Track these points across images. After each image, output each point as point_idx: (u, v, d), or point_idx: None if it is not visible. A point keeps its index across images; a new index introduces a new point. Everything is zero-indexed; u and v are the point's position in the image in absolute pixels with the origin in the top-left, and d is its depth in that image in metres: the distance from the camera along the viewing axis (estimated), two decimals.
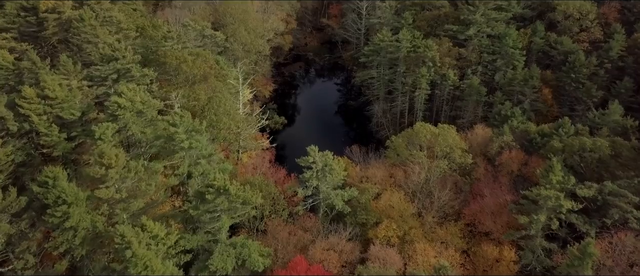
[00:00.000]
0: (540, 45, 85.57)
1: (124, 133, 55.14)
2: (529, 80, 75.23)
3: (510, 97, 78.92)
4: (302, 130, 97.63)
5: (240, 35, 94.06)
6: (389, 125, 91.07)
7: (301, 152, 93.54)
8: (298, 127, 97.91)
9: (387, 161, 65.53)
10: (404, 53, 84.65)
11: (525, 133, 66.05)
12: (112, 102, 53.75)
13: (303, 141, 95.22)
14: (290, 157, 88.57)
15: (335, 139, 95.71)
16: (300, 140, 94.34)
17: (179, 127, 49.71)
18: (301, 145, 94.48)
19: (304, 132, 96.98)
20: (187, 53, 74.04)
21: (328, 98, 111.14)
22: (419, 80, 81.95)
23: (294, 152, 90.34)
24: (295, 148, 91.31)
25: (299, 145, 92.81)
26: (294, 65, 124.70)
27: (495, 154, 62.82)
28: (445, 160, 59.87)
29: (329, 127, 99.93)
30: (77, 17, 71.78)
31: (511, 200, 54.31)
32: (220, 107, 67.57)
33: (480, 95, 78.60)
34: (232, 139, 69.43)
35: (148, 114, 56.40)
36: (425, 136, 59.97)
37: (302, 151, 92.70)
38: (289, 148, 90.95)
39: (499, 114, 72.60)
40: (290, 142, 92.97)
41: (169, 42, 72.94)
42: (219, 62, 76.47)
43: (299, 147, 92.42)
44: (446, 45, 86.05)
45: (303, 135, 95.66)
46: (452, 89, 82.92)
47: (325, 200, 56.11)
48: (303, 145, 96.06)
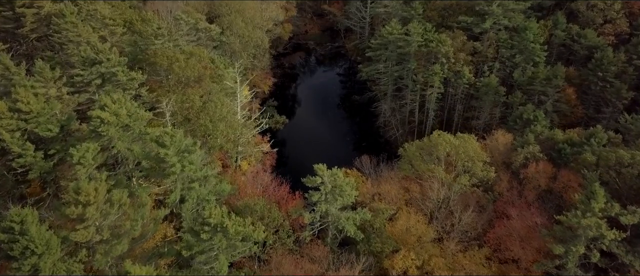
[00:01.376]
0: (561, 39, 79.14)
1: (109, 152, 49.04)
2: (553, 79, 69.06)
3: (531, 97, 72.91)
4: (304, 128, 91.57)
5: (237, 27, 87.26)
6: (398, 124, 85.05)
7: (303, 153, 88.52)
8: (300, 125, 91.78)
9: (400, 172, 59.80)
10: (415, 48, 78.12)
11: (551, 142, 60.26)
12: (94, 116, 47.55)
13: (305, 141, 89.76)
14: (292, 159, 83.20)
15: (340, 139, 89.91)
16: (303, 139, 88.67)
17: (169, 148, 43.68)
18: (303, 145, 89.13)
19: (306, 130, 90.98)
20: (180, 52, 67.67)
21: (331, 91, 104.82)
22: (431, 78, 75.67)
23: (296, 153, 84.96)
24: (297, 149, 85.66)
25: (301, 145, 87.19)
26: (294, 55, 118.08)
27: (519, 166, 57.10)
28: (466, 175, 54.15)
29: (332, 124, 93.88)
30: (57, 13, 65.12)
31: (542, 223, 48.78)
32: (216, 112, 61.42)
33: (498, 95, 72.45)
34: (230, 148, 63.42)
35: (135, 128, 50.20)
36: (444, 149, 54.11)
37: (305, 153, 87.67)
38: (291, 148, 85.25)
39: (520, 118, 66.59)
40: (291, 141, 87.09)
41: (159, 40, 66.29)
42: (214, 61, 69.95)
43: (301, 147, 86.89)
44: (460, 39, 79.55)
45: (305, 134, 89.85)
46: (467, 87, 76.69)
47: (334, 223, 50.49)
48: (305, 146, 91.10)
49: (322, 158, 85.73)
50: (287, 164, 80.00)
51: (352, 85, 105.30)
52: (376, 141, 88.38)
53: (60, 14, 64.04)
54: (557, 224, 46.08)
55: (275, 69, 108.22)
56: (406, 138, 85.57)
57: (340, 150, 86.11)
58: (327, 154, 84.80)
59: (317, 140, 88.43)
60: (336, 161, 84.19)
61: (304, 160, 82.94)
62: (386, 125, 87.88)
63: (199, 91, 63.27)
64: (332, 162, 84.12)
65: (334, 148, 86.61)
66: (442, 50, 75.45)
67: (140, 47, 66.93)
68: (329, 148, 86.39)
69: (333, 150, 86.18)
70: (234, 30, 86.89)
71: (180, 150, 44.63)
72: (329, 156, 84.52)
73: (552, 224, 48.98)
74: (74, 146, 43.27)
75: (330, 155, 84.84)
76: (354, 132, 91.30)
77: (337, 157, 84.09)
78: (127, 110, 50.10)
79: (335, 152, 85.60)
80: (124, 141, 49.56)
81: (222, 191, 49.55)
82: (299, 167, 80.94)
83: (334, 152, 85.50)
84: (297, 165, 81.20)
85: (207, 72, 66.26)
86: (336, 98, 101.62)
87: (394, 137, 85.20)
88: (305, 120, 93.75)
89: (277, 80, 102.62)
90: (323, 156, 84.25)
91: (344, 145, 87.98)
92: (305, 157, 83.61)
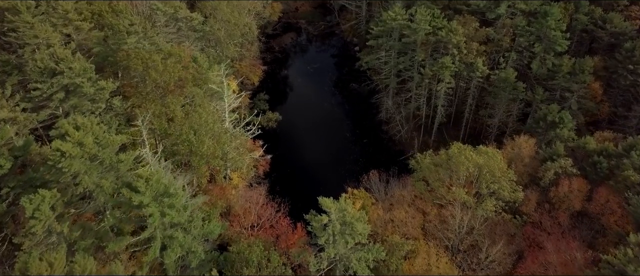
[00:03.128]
0: (583, 24, 71.22)
1: (73, 190, 41.13)
2: (580, 74, 61.55)
3: (552, 93, 65.61)
4: (299, 124, 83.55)
5: (221, 13, 77.92)
6: (403, 120, 77.51)
7: (300, 155, 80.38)
8: (294, 121, 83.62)
9: (413, 189, 52.79)
10: (422, 37, 69.83)
11: (582, 151, 53.43)
12: (53, 149, 39.48)
13: (301, 140, 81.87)
14: (288, 161, 75.43)
15: (338, 135, 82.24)
16: (298, 138, 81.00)
17: (145, 194, 35.91)
18: (299, 145, 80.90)
19: (301, 127, 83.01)
20: (156, 50, 58.89)
21: (326, 78, 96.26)
22: (441, 72, 67.76)
23: (292, 155, 77.08)
24: (292, 149, 78.07)
25: (297, 145, 79.41)
26: (284, 36, 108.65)
27: (549, 183, 50.32)
28: (491, 199, 47.28)
29: (330, 118, 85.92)
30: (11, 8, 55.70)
31: (584, 261, 42.28)
32: (202, 124, 53.37)
33: (516, 91, 64.89)
34: (218, 164, 55.68)
35: (106, 158, 42.21)
36: (466, 168, 46.94)
37: (301, 155, 79.58)
38: (285, 148, 77.51)
39: (544, 120, 59.41)
40: (286, 140, 79.28)
41: (133, 38, 57.25)
42: (196, 59, 61.23)
43: (296, 147, 79.00)
44: (472, 26, 71.26)
45: (300, 132, 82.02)
46: (480, 81, 68.97)
47: (342, 261, 43.58)
48: (301, 146, 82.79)
49: (320, 161, 79.26)
50: (282, 169, 72.52)
51: (349, 70, 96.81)
52: (378, 137, 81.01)
53: (15, 10, 54.81)
54: (605, 264, 39.61)
55: (265, 53, 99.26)
56: (411, 134, 78.47)
57: (339, 150, 78.69)
58: (325, 156, 77.50)
59: (313, 138, 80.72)
60: (336, 164, 77.82)
61: (301, 164, 75.78)
62: (389, 120, 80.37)
63: (180, 99, 54.95)
64: (332, 165, 77.71)
65: (333, 148, 79.09)
66: (453, 41, 67.29)
67: (111, 47, 57.97)
68: (328, 148, 78.84)
69: (332, 149, 78.68)
70: (218, 17, 77.61)
71: (158, 194, 36.90)
72: (327, 158, 77.30)
73: (593, 259, 42.65)
74: (27, 194, 35.35)
75: (329, 156, 77.55)
76: (354, 127, 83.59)
77: (337, 158, 76.98)
78: (95, 136, 42.02)
79: (335, 152, 78.17)
80: (92, 175, 41.65)
81: (211, 233, 42.14)
82: (295, 173, 73.86)
83: (332, 153, 78.09)
84: (293, 171, 74.05)
85: (189, 76, 57.81)
86: (332, 87, 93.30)
87: (398, 134, 77.86)
88: (300, 115, 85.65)
89: (267, 68, 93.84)
90: (321, 158, 77.01)
91: (344, 143, 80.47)
92: (302, 160, 76.34)
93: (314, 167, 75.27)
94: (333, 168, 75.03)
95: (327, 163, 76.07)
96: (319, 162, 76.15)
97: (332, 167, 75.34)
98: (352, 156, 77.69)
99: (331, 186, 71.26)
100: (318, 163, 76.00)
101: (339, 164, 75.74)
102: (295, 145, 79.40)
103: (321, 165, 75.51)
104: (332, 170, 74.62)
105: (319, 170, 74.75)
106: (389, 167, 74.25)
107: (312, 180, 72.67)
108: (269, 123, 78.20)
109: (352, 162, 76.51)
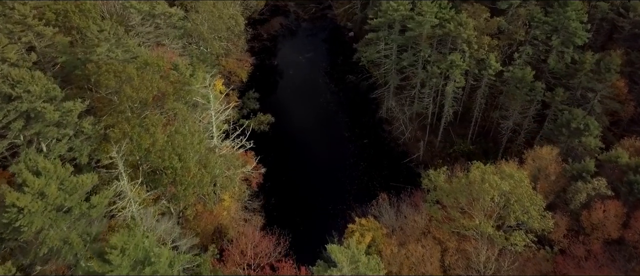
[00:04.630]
0: (604, 12, 64.98)
1: (36, 250, 34.73)
2: (605, 73, 55.63)
3: (572, 92, 59.82)
4: (292, 123, 77.06)
5: (203, 4, 70.15)
6: (407, 120, 71.39)
7: (295, 161, 72.65)
8: (287, 120, 76.95)
9: (427, 212, 47.27)
10: (428, 30, 63.14)
11: (613, 166, 48.06)
12: (8, 204, 32.90)
13: (295, 142, 75.11)
14: (283, 169, 69.23)
15: (336, 134, 76.05)
16: (292, 139, 74.75)
17: (121, 265, 29.67)
18: (293, 149, 73.41)
19: (294, 126, 76.57)
20: (131, 59, 51.71)
21: (319, 68, 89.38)
22: (451, 71, 61.42)
23: (287, 161, 70.42)
24: (286, 154, 71.85)
25: (291, 149, 72.87)
26: (272, 22, 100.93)
27: (580, 206, 45.02)
28: (520, 232, 41.91)
29: (325, 115, 79.51)
30: None
31: None
32: (186, 148, 46.77)
33: (534, 92, 58.87)
34: (207, 192, 49.39)
35: (74, 207, 35.75)
36: (490, 197, 41.29)
37: (297, 160, 72.38)
38: (279, 153, 71.22)
39: (566, 126, 53.73)
40: (279, 143, 72.78)
41: (103, 47, 49.79)
42: (178, 66, 53.96)
43: (291, 152, 72.19)
44: (483, 17, 64.68)
45: (294, 132, 75.69)
46: (492, 79, 62.75)
47: None
48: (296, 150, 75.34)
49: (318, 166, 72.84)
50: (277, 177, 66.37)
51: (344, 59, 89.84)
52: (379, 136, 75.05)
53: None
54: None
55: (252, 42, 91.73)
56: (415, 133, 72.54)
57: (337, 152, 72.65)
58: (323, 160, 71.49)
59: (309, 140, 74.50)
60: (335, 169, 71.01)
61: (297, 170, 69.71)
62: (391, 119, 74.26)
63: (161, 118, 48.03)
64: (331, 171, 70.75)
65: (331, 150, 73.03)
66: (463, 35, 60.71)
67: (78, 57, 50.57)
68: (325, 151, 72.80)
69: (330, 152, 72.67)
70: (200, 10, 69.83)
71: (137, 262, 30.70)
72: (325, 162, 71.29)
73: None
74: None
75: (327, 160, 71.56)
76: (353, 125, 77.33)
77: (336, 162, 71.04)
78: (60, 181, 35.46)
79: (333, 155, 72.17)
80: (58, 228, 35.24)
81: None
82: (292, 181, 67.84)
83: (331, 156, 72.11)
84: (289, 179, 68.07)
85: (170, 88, 50.76)
86: (327, 80, 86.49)
87: (402, 137, 71.93)
88: (293, 113, 79.08)
89: (256, 58, 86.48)
90: (319, 163, 70.84)
91: (342, 144, 74.31)
92: (299, 166, 70.26)
93: (312, 174, 69.34)
94: (332, 174, 69.18)
95: (326, 168, 70.13)
96: (317, 167, 70.19)
97: (331, 172, 69.45)
98: (352, 159, 71.77)
99: (332, 197, 65.82)
100: (316, 168, 70.03)
101: (338, 169, 69.87)
102: (290, 148, 73.17)
103: (319, 171, 69.59)
104: (331, 177, 68.79)
105: (317, 177, 68.82)
106: (393, 171, 69.35)
107: (311, 190, 66.84)
108: (261, 126, 71.51)
109: (352, 166, 70.69)
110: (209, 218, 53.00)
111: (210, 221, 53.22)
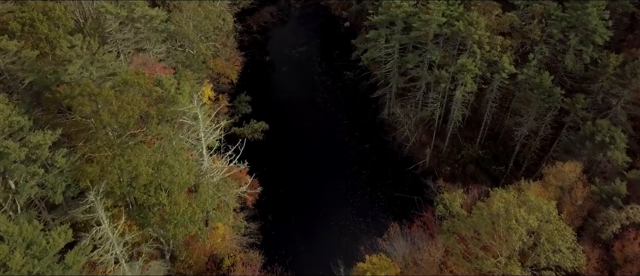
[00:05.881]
0: (626, 7, 59.94)
1: None
2: (631, 77, 50.89)
3: (591, 96, 55.20)
4: (288, 126, 71.86)
5: (188, 4, 63.91)
6: (412, 126, 66.50)
7: (292, 171, 67.25)
8: (281, 122, 71.63)
9: (443, 242, 43.02)
10: (434, 29, 57.78)
11: None
12: None
13: (291, 146, 69.83)
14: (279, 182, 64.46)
15: (335, 139, 71.37)
16: (288, 145, 69.78)
17: None
18: (290, 156, 67.63)
19: (290, 130, 71.43)
20: (108, 76, 46.09)
21: (315, 64, 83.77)
22: (462, 76, 56.39)
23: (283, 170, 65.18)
24: (282, 162, 67.04)
25: (288, 156, 67.87)
26: (262, 12, 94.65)
27: (611, 237, 40.95)
28: (550, 272, 37.75)
29: (323, 116, 74.41)
30: None
31: None
32: (175, 181, 41.71)
33: (552, 99, 54.03)
34: (199, 228, 44.51)
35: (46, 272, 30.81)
36: (519, 237, 36.87)
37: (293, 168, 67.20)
38: (274, 160, 66.50)
39: (590, 138, 49.24)
40: (274, 149, 67.85)
41: (75, 65, 43.95)
42: (161, 82, 48.22)
43: (287, 158, 67.19)
44: (495, 13, 59.34)
45: (290, 137, 70.68)
46: (505, 82, 57.82)
47: None
48: (292, 157, 69.56)
49: (317, 176, 67.55)
50: (273, 190, 61.68)
51: (340, 53, 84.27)
52: (381, 140, 70.29)
53: None
54: None
55: (242, 35, 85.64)
56: (420, 137, 67.87)
57: (337, 159, 67.94)
58: (322, 168, 66.66)
59: (307, 146, 69.49)
60: (335, 178, 65.02)
61: (295, 180, 65.16)
62: (394, 122, 69.33)
63: (145, 149, 42.69)
64: (331, 181, 64.45)
65: (330, 157, 68.20)
66: (475, 37, 55.47)
67: (47, 78, 44.79)
68: (324, 158, 67.90)
69: (329, 160, 67.86)
70: (184, 9, 63.63)
71: None
72: (325, 171, 66.50)
73: None
74: None
75: (327, 168, 66.77)
76: (353, 128, 72.35)
77: (336, 171, 66.37)
78: (27, 244, 30.47)
79: (333, 162, 67.43)
80: None
81: None
82: (290, 194, 63.25)
83: (330, 163, 67.35)
84: (287, 192, 63.57)
85: (153, 110, 45.26)
86: (323, 77, 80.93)
87: (406, 144, 67.19)
88: (289, 116, 73.70)
89: (246, 53, 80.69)
90: (318, 172, 65.86)
91: (342, 150, 69.52)
92: (296, 175, 65.67)
93: (310, 184, 64.68)
94: (333, 184, 64.67)
95: (326, 177, 65.44)
96: (316, 177, 65.44)
97: (331, 182, 64.89)
98: (353, 167, 67.15)
99: (333, 211, 61.48)
100: (314, 178, 65.30)
101: (339, 179, 65.31)
102: (287, 156, 68.30)
103: (318, 181, 64.92)
104: (332, 187, 64.31)
105: (317, 188, 64.25)
106: (397, 180, 64.97)
107: (310, 203, 62.28)
108: (255, 134, 66.38)
109: (354, 175, 66.19)
110: (202, 249, 48.45)
111: (204, 252, 48.68)
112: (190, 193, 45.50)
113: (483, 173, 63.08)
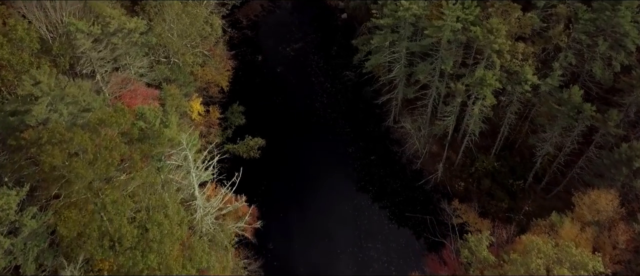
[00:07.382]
0: None
1: None
2: None
3: (621, 109, 50.00)
4: (286, 138, 66.16)
5: (171, 10, 56.92)
6: (422, 138, 61.10)
7: (293, 191, 60.07)
8: (279, 132, 65.91)
9: None
10: (448, 36, 51.74)
11: None
12: None
13: (291, 162, 64.11)
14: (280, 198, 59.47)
15: (339, 151, 66.06)
16: (287, 160, 64.41)
17: None
18: (290, 174, 61.45)
19: (289, 142, 65.77)
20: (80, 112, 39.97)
21: (312, 63, 77.12)
22: (480, 91, 50.76)
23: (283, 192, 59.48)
24: (282, 181, 61.89)
25: (288, 174, 62.32)
26: (252, 4, 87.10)
27: None
28: None
29: (323, 125, 68.53)
30: None
31: None
32: (165, 241, 36.28)
33: (582, 115, 48.57)
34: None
35: None
36: None
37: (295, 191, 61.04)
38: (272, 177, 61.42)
39: (626, 164, 44.27)
40: (272, 164, 62.45)
41: (41, 106, 37.66)
42: (144, 115, 41.98)
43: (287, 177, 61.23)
44: (515, 16, 53.23)
45: (289, 150, 65.15)
46: (528, 93, 52.16)
47: None
48: (293, 175, 63.10)
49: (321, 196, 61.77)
50: (273, 214, 56.66)
51: (339, 50, 77.89)
52: (387, 151, 65.02)
53: None
54: None
55: (232, 30, 78.47)
56: (430, 148, 62.65)
57: (342, 174, 62.81)
58: (326, 185, 61.68)
59: (308, 161, 64.01)
60: (341, 198, 59.06)
61: (298, 205, 60.10)
62: (402, 135, 63.79)
63: (129, 203, 36.96)
64: (337, 202, 58.54)
65: (335, 172, 63.05)
66: (495, 46, 49.54)
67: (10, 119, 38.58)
68: (328, 174, 62.70)
69: (333, 175, 62.74)
70: (167, 16, 56.70)
71: None
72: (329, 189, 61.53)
73: None
74: None
75: (331, 185, 61.74)
76: (356, 138, 66.78)
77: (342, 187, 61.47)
78: None
79: (338, 177, 62.36)
80: None
81: None
82: (293, 223, 58.18)
83: (335, 179, 62.31)
84: (288, 218, 58.52)
85: (135, 152, 39.34)
86: (321, 78, 74.50)
87: (417, 162, 61.89)
88: (287, 125, 67.75)
89: (236, 53, 73.87)
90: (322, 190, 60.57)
91: (347, 163, 64.21)
92: (298, 198, 60.49)
93: (313, 205, 59.98)
94: (338, 205, 59.86)
95: (330, 198, 60.55)
96: (319, 197, 60.58)
97: (336, 203, 59.99)
98: (359, 184, 62.27)
99: (340, 237, 56.82)
100: (317, 198, 60.49)
101: (344, 199, 60.54)
102: (286, 171, 63.09)
103: (322, 202, 60.16)
104: (337, 209, 59.48)
105: (321, 209, 59.48)
106: (407, 197, 60.25)
107: (314, 227, 57.69)
108: (251, 153, 60.68)
109: (360, 192, 61.31)
110: None
111: None
112: (183, 246, 40.17)
113: (500, 188, 58.43)
